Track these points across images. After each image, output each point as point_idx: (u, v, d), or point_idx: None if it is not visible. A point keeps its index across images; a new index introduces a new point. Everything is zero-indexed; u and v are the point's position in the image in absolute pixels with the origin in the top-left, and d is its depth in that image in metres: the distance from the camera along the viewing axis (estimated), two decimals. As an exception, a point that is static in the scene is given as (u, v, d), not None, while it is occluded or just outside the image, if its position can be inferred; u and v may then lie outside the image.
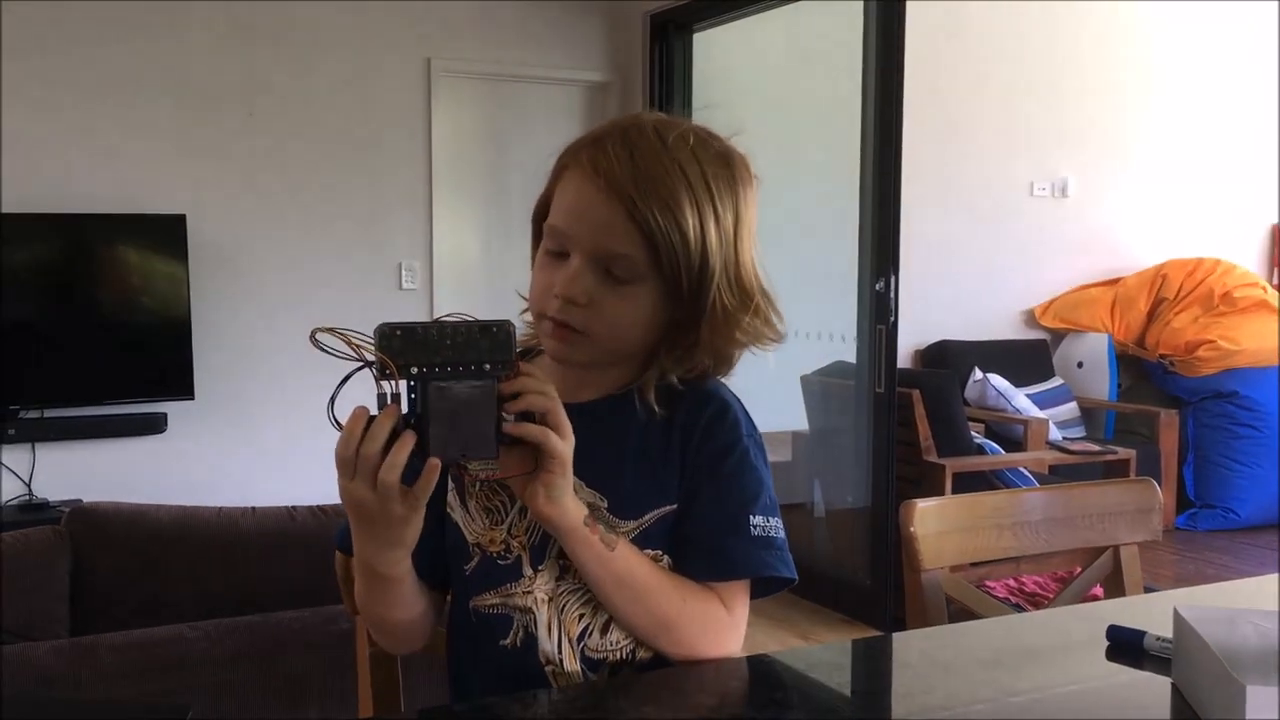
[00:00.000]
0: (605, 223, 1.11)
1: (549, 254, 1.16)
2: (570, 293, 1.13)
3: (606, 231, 1.12)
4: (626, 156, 1.12)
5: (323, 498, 2.31)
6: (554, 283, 1.14)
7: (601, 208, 1.11)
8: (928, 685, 1.18)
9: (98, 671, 1.75)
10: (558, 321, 1.14)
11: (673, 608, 1.16)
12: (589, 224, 1.12)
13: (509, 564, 1.18)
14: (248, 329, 4.82)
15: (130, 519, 2.08)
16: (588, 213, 1.12)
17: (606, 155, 1.12)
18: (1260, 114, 6.39)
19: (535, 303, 1.18)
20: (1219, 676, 0.98)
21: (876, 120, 4.09)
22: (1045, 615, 1.57)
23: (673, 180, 1.11)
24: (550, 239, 1.15)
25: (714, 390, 1.24)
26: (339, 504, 2.22)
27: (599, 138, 1.15)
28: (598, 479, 1.18)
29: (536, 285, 1.18)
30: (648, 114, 1.19)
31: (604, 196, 1.11)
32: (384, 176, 5.06)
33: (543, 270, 1.17)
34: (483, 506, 1.20)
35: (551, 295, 1.14)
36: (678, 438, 1.21)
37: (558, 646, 1.18)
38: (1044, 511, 1.66)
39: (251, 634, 1.87)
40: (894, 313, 4.09)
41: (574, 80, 5.44)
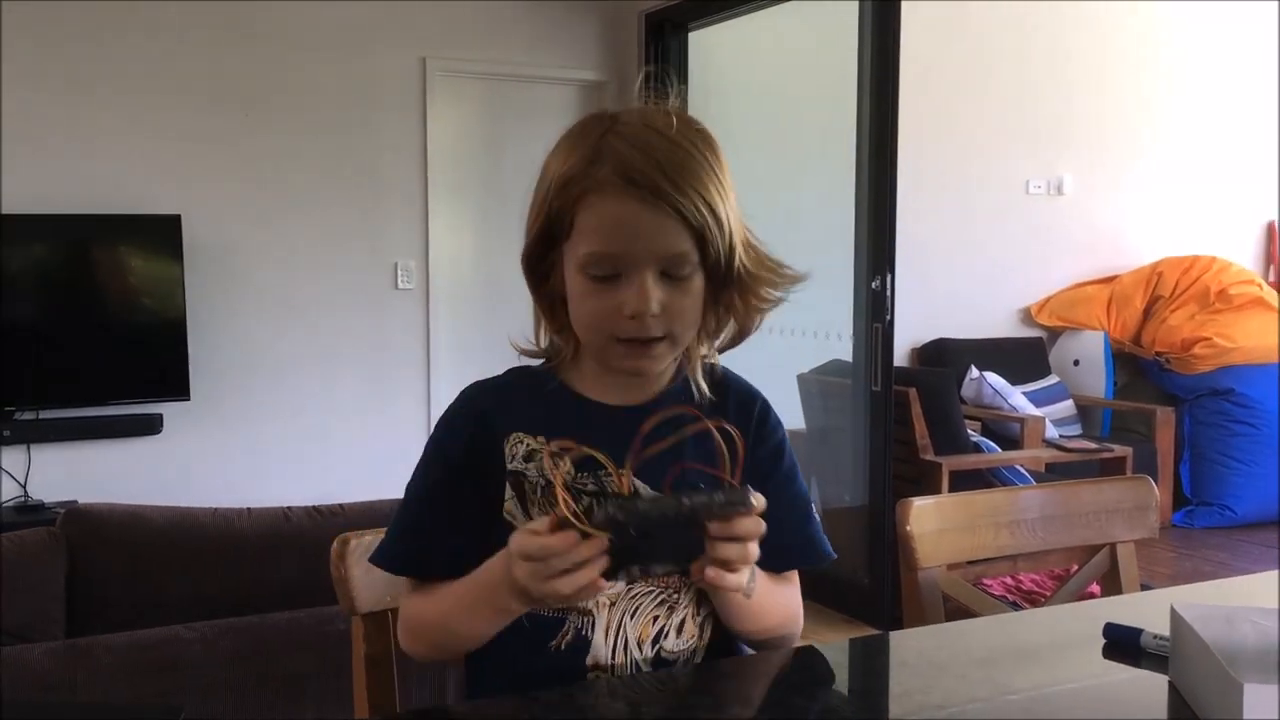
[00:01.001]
0: (658, 229, 1.12)
1: (595, 279, 1.13)
2: (646, 309, 1.12)
3: (662, 237, 1.12)
4: (648, 159, 1.11)
5: (318, 498, 2.31)
6: (615, 306, 1.13)
7: (649, 216, 1.11)
8: (925, 684, 1.18)
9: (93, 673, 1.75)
10: (638, 339, 1.15)
11: (790, 606, 1.26)
12: (644, 236, 1.12)
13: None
14: (243, 329, 4.81)
15: (126, 520, 2.07)
16: (638, 226, 1.11)
17: (630, 165, 1.11)
18: (1256, 112, 6.40)
19: (595, 328, 1.16)
20: (1216, 674, 0.98)
21: (872, 118, 4.09)
22: (1042, 613, 1.57)
23: (694, 166, 1.13)
24: (597, 266, 1.13)
25: (749, 387, 1.32)
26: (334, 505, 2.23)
27: (600, 151, 1.13)
28: (662, 483, 1.19)
29: (590, 312, 1.15)
30: (623, 111, 1.19)
31: (648, 205, 1.11)
32: (380, 176, 5.06)
33: (594, 297, 1.14)
34: (545, 513, 1.17)
35: (620, 317, 1.13)
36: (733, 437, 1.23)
37: (612, 650, 1.19)
38: (1040, 509, 1.66)
39: (247, 635, 1.86)
40: (890, 311, 4.09)
41: (570, 80, 5.44)
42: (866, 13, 4.12)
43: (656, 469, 1.20)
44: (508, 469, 1.19)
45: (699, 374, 1.25)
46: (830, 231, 4.41)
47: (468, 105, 5.32)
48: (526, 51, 5.31)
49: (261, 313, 4.84)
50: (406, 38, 5.05)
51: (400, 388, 5.10)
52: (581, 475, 1.16)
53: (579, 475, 1.16)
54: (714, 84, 5.23)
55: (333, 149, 4.94)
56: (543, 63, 5.35)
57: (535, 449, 1.19)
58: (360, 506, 2.18)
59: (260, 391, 4.85)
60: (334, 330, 4.98)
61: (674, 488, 1.06)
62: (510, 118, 5.38)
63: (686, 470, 1.10)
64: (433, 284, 5.17)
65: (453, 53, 5.16)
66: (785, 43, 5.16)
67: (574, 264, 1.14)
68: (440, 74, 5.14)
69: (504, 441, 1.19)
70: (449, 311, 5.20)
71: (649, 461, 1.19)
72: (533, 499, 1.19)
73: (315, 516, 2.15)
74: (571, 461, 1.14)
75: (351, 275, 5.02)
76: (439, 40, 5.12)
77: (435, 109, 5.14)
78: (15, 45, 4.37)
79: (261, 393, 4.85)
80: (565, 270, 1.17)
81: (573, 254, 1.14)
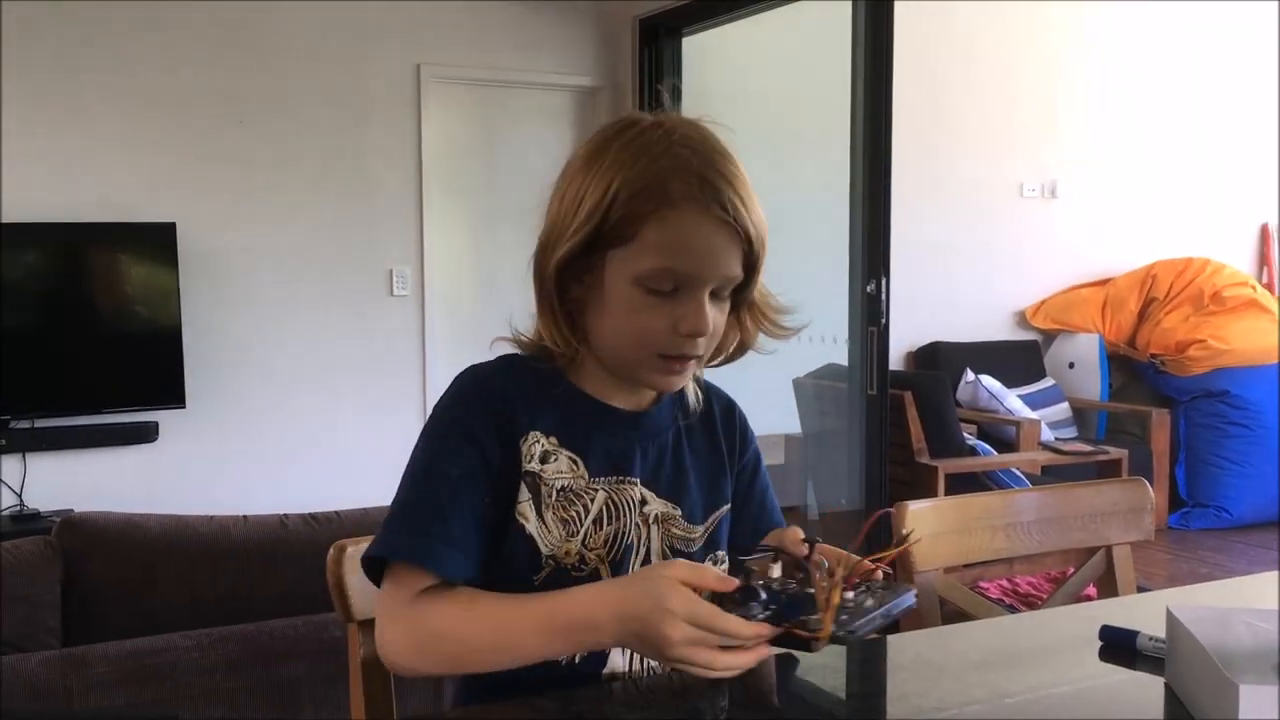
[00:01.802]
0: (726, 252, 1.12)
1: (652, 294, 1.12)
2: (705, 329, 1.13)
3: (727, 259, 1.12)
4: (721, 177, 1.11)
5: (314, 506, 2.31)
6: (668, 323, 1.12)
7: (722, 238, 1.11)
8: (922, 687, 1.18)
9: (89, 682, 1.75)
10: (685, 357, 1.15)
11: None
12: (714, 258, 1.11)
13: (583, 576, 1.16)
14: (239, 337, 4.81)
15: (122, 529, 2.07)
16: (712, 247, 1.11)
17: (709, 183, 1.10)
18: (1250, 115, 6.42)
19: (641, 342, 1.14)
20: (1212, 676, 0.98)
21: (866, 122, 4.10)
22: (1038, 616, 1.57)
23: (748, 188, 1.13)
24: (661, 281, 1.11)
25: (725, 395, 1.32)
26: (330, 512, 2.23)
27: (676, 164, 1.10)
28: (669, 489, 1.22)
29: (641, 327, 1.13)
30: (669, 119, 1.16)
31: (723, 227, 1.10)
32: (374, 183, 5.05)
33: (653, 310, 1.12)
34: (559, 517, 1.17)
35: (671, 334, 1.12)
36: (721, 439, 1.27)
37: (629, 660, 1.19)
38: (1036, 512, 1.67)
39: (244, 643, 1.86)
40: (885, 315, 4.09)
41: (564, 85, 5.44)
42: (860, 16, 4.13)
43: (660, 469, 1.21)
44: (524, 469, 1.15)
45: (692, 385, 1.26)
46: (825, 235, 4.41)
47: (462, 111, 5.32)
48: (520, 57, 5.31)
49: (257, 320, 4.84)
50: (401, 44, 5.05)
51: (396, 394, 5.10)
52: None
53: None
54: (708, 89, 5.24)
55: (328, 156, 4.94)
56: (537, 68, 5.35)
57: (550, 450, 1.16)
58: (356, 513, 2.18)
59: (256, 399, 4.84)
60: (330, 337, 4.98)
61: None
62: (505, 123, 5.38)
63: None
64: (428, 290, 5.16)
65: (447, 59, 5.16)
66: (779, 47, 5.17)
67: (629, 275, 1.12)
68: (434, 80, 5.14)
69: (520, 439, 1.16)
70: (444, 318, 5.20)
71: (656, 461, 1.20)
72: (548, 503, 1.16)
73: (311, 524, 2.15)
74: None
75: (347, 282, 5.02)
76: (433, 46, 5.12)
77: (430, 115, 5.14)
78: (11, 54, 4.37)
79: (257, 400, 4.84)
80: (609, 279, 1.13)
81: (630, 265, 1.11)
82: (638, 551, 1.19)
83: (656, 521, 1.21)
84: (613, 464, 1.19)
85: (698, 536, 1.23)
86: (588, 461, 1.18)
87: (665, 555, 1.21)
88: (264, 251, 4.85)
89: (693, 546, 1.23)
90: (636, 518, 1.19)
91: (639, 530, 1.19)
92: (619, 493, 1.19)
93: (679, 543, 1.22)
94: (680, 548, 1.22)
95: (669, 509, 1.21)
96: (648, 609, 1.00)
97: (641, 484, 1.21)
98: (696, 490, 1.24)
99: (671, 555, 1.21)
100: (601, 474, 1.18)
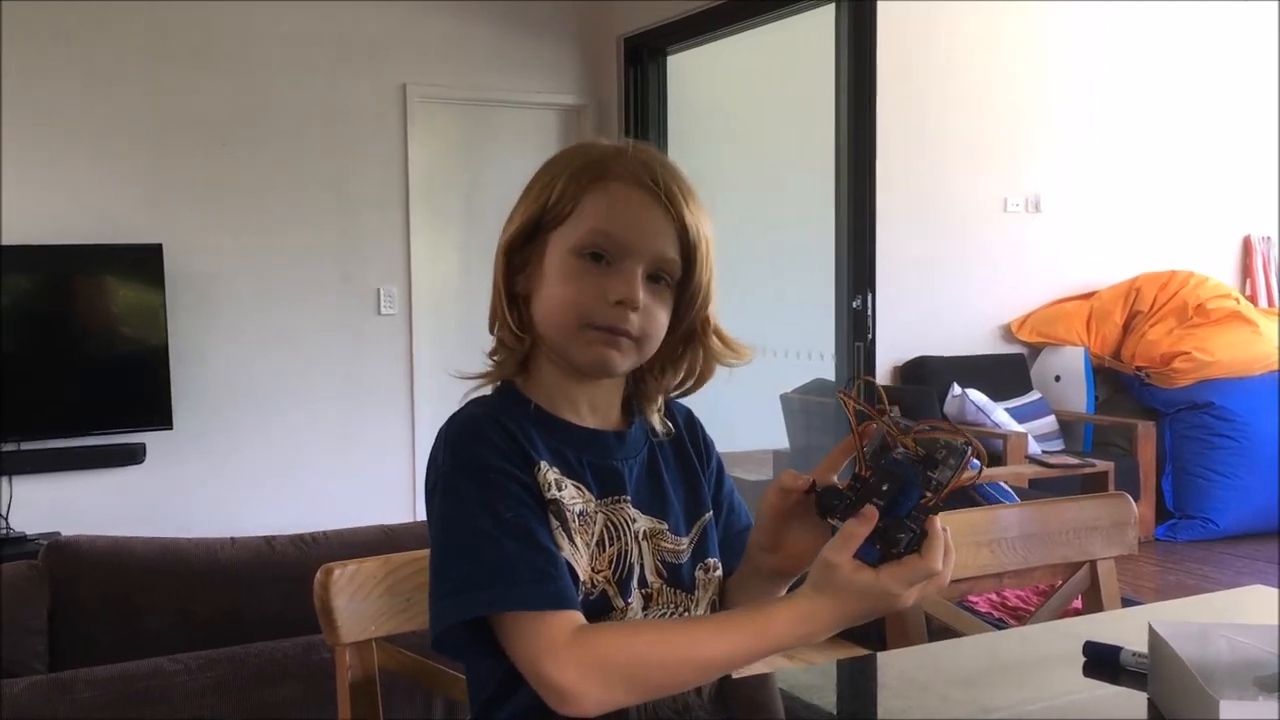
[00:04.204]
0: (661, 229, 1.15)
1: (586, 260, 1.15)
2: (634, 297, 1.14)
3: (662, 237, 1.16)
4: (664, 170, 1.17)
5: (302, 527, 2.31)
6: (599, 290, 1.14)
7: (657, 213, 1.15)
8: (908, 704, 1.19)
9: (77, 706, 1.74)
10: (615, 329, 1.15)
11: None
12: (648, 230, 1.15)
13: (595, 598, 1.16)
14: (226, 358, 4.80)
15: (109, 552, 2.06)
16: (646, 219, 1.15)
17: (649, 167, 1.16)
18: (1230, 127, 6.46)
19: (574, 309, 1.15)
20: (1193, 691, 0.99)
21: (850, 139, 4.13)
22: (1023, 632, 1.58)
23: (692, 195, 1.18)
24: (594, 244, 1.14)
25: (684, 407, 1.33)
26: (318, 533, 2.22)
27: (620, 154, 1.17)
28: (652, 505, 1.23)
29: (574, 293, 1.15)
30: (622, 142, 1.22)
31: (657, 202, 1.15)
32: (361, 202, 5.06)
33: (585, 278, 1.14)
34: (584, 541, 1.16)
35: (603, 303, 1.14)
36: (689, 451, 1.29)
37: None
38: (1020, 528, 1.67)
39: (231, 665, 1.86)
40: (872, 330, 4.11)
41: (549, 104, 5.46)
42: (843, 35, 4.16)
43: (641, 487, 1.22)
44: (546, 497, 1.14)
45: (655, 412, 1.26)
46: (811, 251, 4.44)
47: (448, 131, 5.34)
48: (506, 76, 5.33)
49: (244, 341, 4.83)
50: (386, 64, 5.06)
51: (384, 414, 5.09)
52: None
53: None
54: (693, 106, 5.27)
55: (314, 176, 4.95)
56: (522, 88, 5.37)
57: (559, 478, 1.15)
58: (345, 534, 2.17)
59: (243, 420, 4.83)
60: (317, 357, 4.98)
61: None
62: (491, 143, 5.40)
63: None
64: (415, 309, 5.17)
65: (432, 79, 5.17)
66: (763, 65, 5.20)
67: (566, 247, 1.15)
68: (420, 100, 5.16)
69: (534, 469, 1.14)
70: (432, 337, 5.20)
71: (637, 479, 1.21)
72: (574, 528, 1.15)
73: (299, 545, 2.15)
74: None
75: (334, 302, 5.02)
76: (419, 66, 5.14)
77: (415, 135, 5.15)
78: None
79: (245, 421, 4.83)
80: (548, 258, 1.17)
81: (567, 238, 1.16)
82: (636, 569, 1.20)
83: (646, 538, 1.21)
84: (606, 486, 1.20)
85: (685, 548, 1.24)
86: (588, 486, 1.19)
87: (658, 570, 1.21)
88: (251, 271, 4.84)
89: (682, 558, 1.23)
90: (631, 536, 1.20)
91: (634, 548, 1.20)
92: (615, 513, 1.20)
93: (669, 555, 1.22)
94: (670, 560, 1.22)
95: (656, 524, 1.22)
96: (871, 606, 1.03)
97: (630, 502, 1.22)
98: (677, 503, 1.25)
99: (664, 569, 1.21)
100: (600, 496, 1.19)
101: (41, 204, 4.47)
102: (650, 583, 1.20)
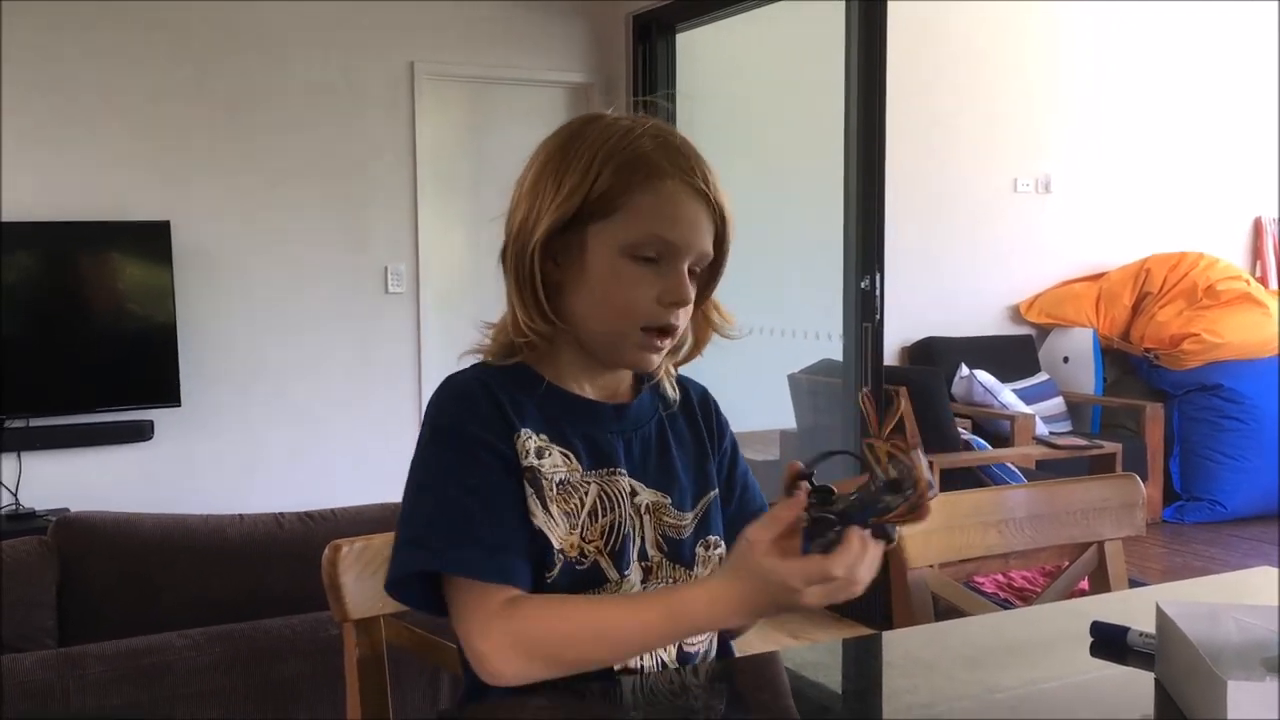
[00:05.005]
0: (704, 226, 1.17)
1: (638, 263, 1.15)
2: (687, 298, 1.17)
3: (706, 235, 1.18)
4: (700, 162, 1.17)
5: (310, 504, 2.31)
6: (658, 292, 1.16)
7: (703, 212, 1.17)
8: (914, 683, 1.19)
9: (86, 682, 1.75)
10: (666, 329, 1.18)
11: None
12: (697, 230, 1.17)
13: (585, 569, 1.17)
14: (234, 335, 4.81)
15: (117, 528, 2.07)
16: (695, 219, 1.16)
17: (690, 162, 1.16)
18: (1244, 108, 6.43)
19: (627, 313, 1.17)
20: (1201, 672, 0.99)
21: (859, 118, 4.10)
22: (1030, 612, 1.58)
23: (712, 168, 1.19)
24: (650, 249, 1.15)
25: (698, 384, 1.35)
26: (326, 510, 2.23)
27: (659, 142, 1.16)
28: (656, 478, 1.24)
29: (629, 297, 1.16)
30: (640, 118, 1.21)
31: (704, 203, 1.16)
32: (369, 180, 5.05)
33: (640, 282, 1.16)
34: (562, 510, 1.18)
35: (660, 304, 1.16)
36: (701, 426, 1.30)
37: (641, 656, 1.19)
38: (1028, 508, 1.67)
39: (240, 642, 1.86)
40: (880, 310, 4.10)
41: (558, 82, 5.44)
42: (853, 13, 4.13)
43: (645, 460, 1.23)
44: (523, 464, 1.17)
45: (668, 380, 1.29)
46: (819, 231, 4.42)
47: (456, 108, 5.32)
48: (514, 54, 5.31)
49: (252, 318, 4.84)
50: (394, 42, 5.05)
51: (392, 391, 5.10)
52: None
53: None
54: (702, 84, 5.24)
55: (322, 153, 4.94)
56: (530, 65, 5.35)
57: (542, 446, 1.18)
58: (352, 511, 2.18)
59: (251, 397, 4.84)
60: (325, 334, 4.98)
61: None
62: (499, 120, 5.38)
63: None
64: (423, 287, 5.17)
65: (441, 56, 5.16)
66: (773, 43, 5.17)
67: (615, 246, 1.15)
68: (428, 77, 5.14)
69: (514, 436, 1.17)
70: (439, 314, 5.20)
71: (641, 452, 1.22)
72: (550, 497, 1.17)
73: (307, 522, 2.15)
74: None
75: (342, 279, 5.02)
76: (427, 44, 5.12)
77: (423, 112, 5.14)
78: (3, 53, 4.36)
79: (253, 398, 4.84)
80: (591, 253, 1.16)
81: (616, 235, 1.15)
82: (635, 542, 1.21)
83: (648, 511, 1.22)
84: (599, 457, 1.21)
85: (688, 523, 1.24)
86: (578, 456, 1.20)
87: (659, 544, 1.22)
88: (259, 249, 4.84)
89: (684, 533, 1.24)
90: (629, 508, 1.21)
91: (633, 520, 1.21)
92: (610, 484, 1.21)
93: (670, 530, 1.23)
94: (672, 535, 1.23)
95: (658, 498, 1.23)
96: (772, 597, 1.03)
97: (629, 475, 1.22)
98: (684, 478, 1.26)
99: (664, 543, 1.23)
100: (592, 467, 1.20)
101: (49, 180, 4.47)
102: (650, 556, 1.22)
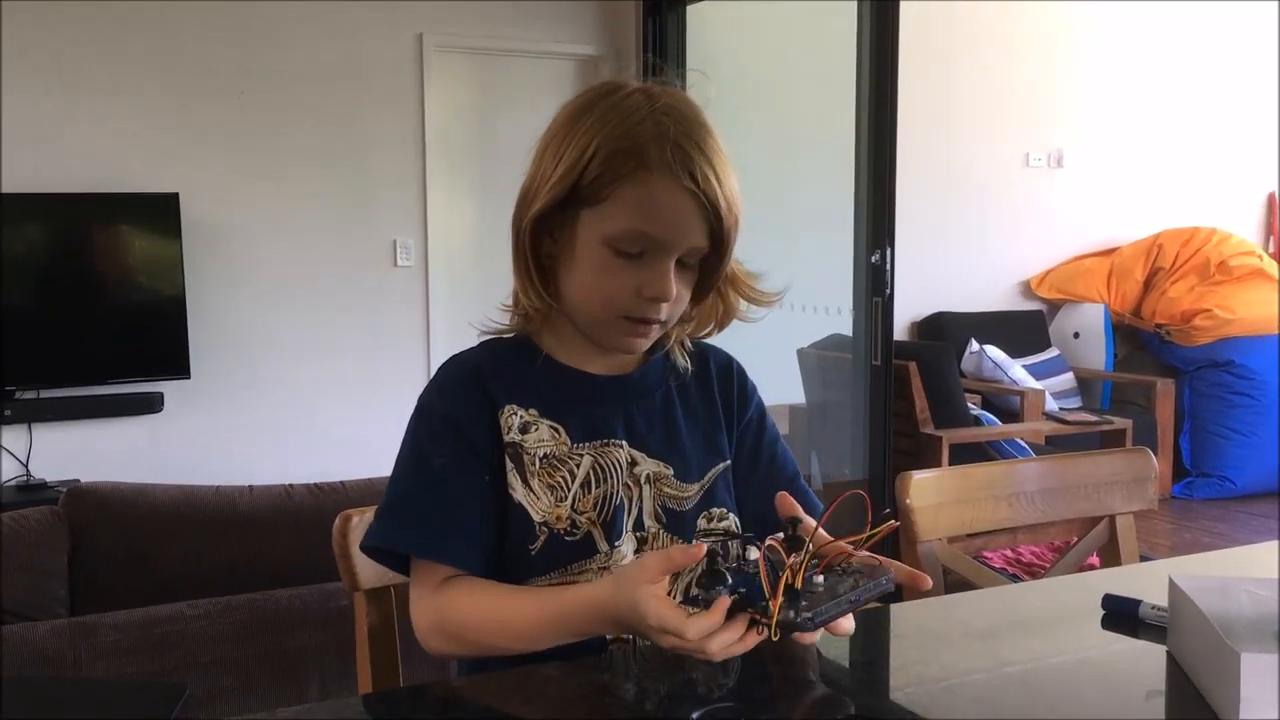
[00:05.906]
0: (693, 222, 1.14)
1: (620, 255, 1.15)
2: (668, 293, 1.15)
3: (694, 230, 1.14)
4: (700, 152, 1.13)
5: (319, 475, 2.32)
6: (634, 285, 1.15)
7: (692, 207, 1.13)
8: (924, 656, 1.18)
9: (97, 650, 1.76)
10: (646, 320, 1.17)
11: None
12: (683, 226, 1.14)
13: (577, 540, 1.19)
14: (243, 307, 4.81)
15: (128, 499, 2.08)
16: (682, 215, 1.13)
17: (688, 154, 1.12)
18: (1255, 83, 6.38)
19: (607, 303, 1.17)
20: (1214, 644, 0.99)
21: (871, 92, 4.08)
22: (1041, 585, 1.58)
23: (723, 162, 1.15)
24: (632, 243, 1.14)
25: (724, 353, 1.34)
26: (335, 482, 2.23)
27: (657, 130, 1.12)
28: (659, 449, 1.24)
29: (608, 288, 1.16)
30: (653, 89, 1.19)
31: (694, 199, 1.13)
32: (377, 153, 5.04)
33: (616, 274, 1.15)
34: (546, 484, 1.19)
35: (636, 297, 1.15)
36: (718, 396, 1.29)
37: None
38: (1039, 482, 1.67)
39: (250, 612, 1.87)
40: (890, 285, 4.09)
41: (567, 54, 5.41)
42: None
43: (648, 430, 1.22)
44: (505, 440, 1.19)
45: (678, 350, 1.28)
46: (830, 206, 4.40)
47: (465, 81, 5.30)
48: (523, 26, 5.28)
49: (261, 290, 4.84)
50: (403, 14, 5.02)
51: (400, 364, 5.10)
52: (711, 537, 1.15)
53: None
54: (712, 59, 5.21)
55: (331, 126, 4.93)
56: (540, 38, 5.32)
57: (529, 421, 1.20)
58: (361, 483, 2.19)
59: (261, 369, 4.85)
60: (334, 307, 4.98)
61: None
62: (507, 93, 5.36)
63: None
64: (431, 261, 5.16)
65: (449, 29, 5.13)
66: (784, 17, 5.13)
67: (599, 235, 1.14)
68: (437, 50, 5.12)
69: (498, 414, 1.20)
70: (448, 287, 5.19)
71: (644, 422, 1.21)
72: (532, 471, 1.19)
73: (317, 493, 2.16)
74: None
75: (350, 252, 5.01)
76: (436, 16, 5.09)
77: (432, 85, 5.12)
78: (11, 26, 4.35)
79: (262, 370, 4.85)
80: (579, 238, 1.16)
81: (601, 224, 1.14)
82: (629, 511, 1.21)
83: (648, 481, 1.23)
84: (594, 429, 1.22)
85: (691, 495, 1.24)
86: (569, 429, 1.21)
87: (658, 515, 1.22)
88: (267, 221, 4.84)
89: (686, 505, 1.24)
90: (626, 479, 1.21)
91: (629, 491, 1.21)
92: (604, 455, 1.21)
93: (671, 501, 1.24)
94: (673, 506, 1.23)
95: (660, 468, 1.23)
96: (631, 622, 1.03)
97: (630, 445, 1.23)
98: (691, 449, 1.26)
99: (664, 514, 1.23)
100: (584, 439, 1.21)
101: (57, 152, 4.47)
102: (648, 526, 1.22)
